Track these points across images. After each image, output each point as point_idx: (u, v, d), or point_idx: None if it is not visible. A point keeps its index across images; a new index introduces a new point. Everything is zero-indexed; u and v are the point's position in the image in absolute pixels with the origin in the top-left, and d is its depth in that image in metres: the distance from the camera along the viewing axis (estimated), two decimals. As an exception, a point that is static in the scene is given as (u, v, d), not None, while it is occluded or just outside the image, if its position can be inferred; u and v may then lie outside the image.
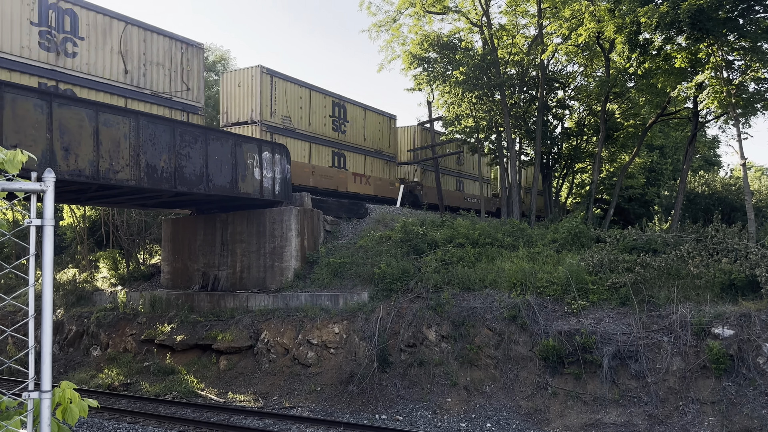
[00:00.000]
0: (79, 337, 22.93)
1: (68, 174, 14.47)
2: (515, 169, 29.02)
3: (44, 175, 2.78)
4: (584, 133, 32.91)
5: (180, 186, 17.41)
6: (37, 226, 2.77)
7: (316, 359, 17.33)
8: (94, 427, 14.70)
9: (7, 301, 2.82)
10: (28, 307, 2.77)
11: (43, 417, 2.66)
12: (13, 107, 13.46)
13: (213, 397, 17.05)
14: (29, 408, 2.71)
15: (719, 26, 18.69)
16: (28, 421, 2.71)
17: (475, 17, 28.43)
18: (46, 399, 2.68)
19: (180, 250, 23.32)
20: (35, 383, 2.74)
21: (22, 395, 2.74)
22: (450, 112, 29.65)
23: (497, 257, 19.00)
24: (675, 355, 13.75)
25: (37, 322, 2.82)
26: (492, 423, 14.06)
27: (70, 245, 30.58)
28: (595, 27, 22.90)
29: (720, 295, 14.80)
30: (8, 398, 2.91)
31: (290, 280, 20.31)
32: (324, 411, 15.43)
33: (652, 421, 13.04)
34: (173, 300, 21.69)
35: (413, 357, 16.28)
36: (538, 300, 16.04)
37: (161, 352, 19.94)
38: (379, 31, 29.14)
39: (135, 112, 16.87)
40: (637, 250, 17.52)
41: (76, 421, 2.87)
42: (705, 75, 20.74)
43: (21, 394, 2.78)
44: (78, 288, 25.97)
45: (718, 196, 32.81)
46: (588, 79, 31.71)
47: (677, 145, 41.35)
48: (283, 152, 21.28)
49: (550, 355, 14.64)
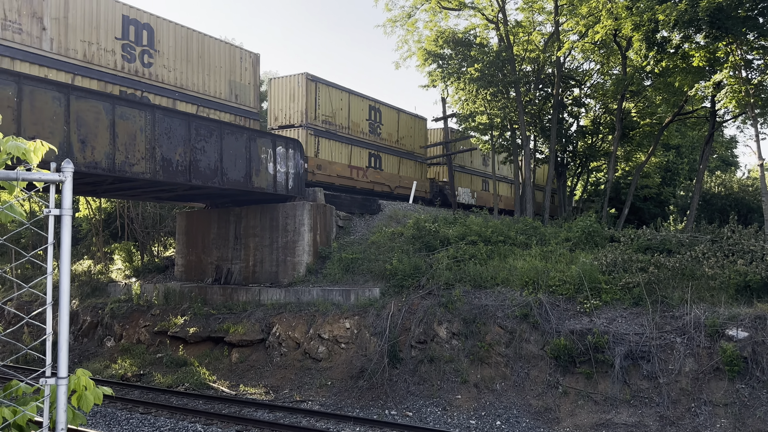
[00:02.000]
0: (93, 328, 23.20)
1: (85, 166, 14.61)
2: (529, 166, 28.89)
3: (63, 166, 2.82)
4: (600, 132, 32.68)
5: (195, 179, 17.53)
6: (55, 215, 2.81)
7: (326, 354, 17.40)
8: (107, 416, 14.88)
9: (25, 288, 2.87)
10: (46, 295, 2.82)
11: (60, 403, 2.71)
12: (32, 99, 13.61)
13: (224, 389, 17.18)
14: (46, 394, 2.76)
15: (738, 25, 18.46)
16: (45, 406, 2.76)
17: (491, 13, 28.30)
18: (63, 385, 2.72)
19: (194, 243, 23.50)
20: (52, 370, 2.79)
21: (39, 381, 2.79)
22: (464, 109, 29.57)
23: (510, 255, 18.94)
24: (688, 356, 13.64)
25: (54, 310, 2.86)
26: (502, 421, 14.05)
27: (85, 237, 30.91)
28: (612, 24, 22.70)
29: (735, 296, 14.66)
30: (25, 384, 2.96)
31: (302, 275, 20.40)
32: (334, 405, 15.50)
33: (663, 422, 12.95)
34: (187, 292, 21.87)
35: (424, 353, 16.29)
36: (550, 299, 15.98)
37: (174, 343, 20.13)
38: (394, 26, 29.11)
39: (151, 106, 16.99)
40: (651, 250, 17.39)
41: (90, 408, 2.91)
42: (723, 74, 20.50)
43: (38, 380, 2.82)
44: (93, 279, 26.26)
45: (734, 196, 32.44)
46: (604, 77, 31.48)
47: (694, 145, 40.94)
48: (296, 147, 21.35)
49: (561, 354, 14.58)
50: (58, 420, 2.69)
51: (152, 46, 19.35)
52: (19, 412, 2.77)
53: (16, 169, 2.78)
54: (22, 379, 3.02)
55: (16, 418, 2.77)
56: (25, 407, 2.78)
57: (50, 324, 2.82)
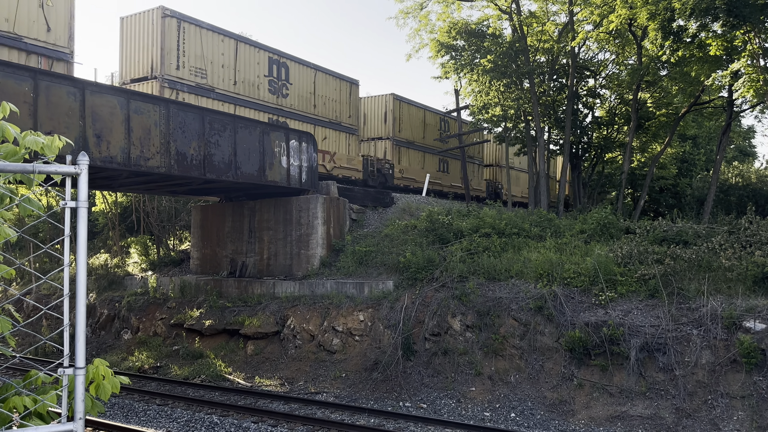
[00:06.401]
0: (110, 321, 23.48)
1: (100, 161, 14.75)
2: (543, 158, 28.70)
3: (78, 159, 2.85)
4: (615, 123, 32.36)
5: (209, 173, 17.63)
6: (71, 208, 2.84)
7: (341, 346, 17.48)
8: (124, 408, 15.07)
9: (43, 280, 2.91)
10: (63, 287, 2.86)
11: (78, 392, 2.75)
12: (48, 95, 13.75)
13: (240, 381, 17.33)
14: (64, 383, 2.80)
15: (756, 12, 18.17)
16: (63, 395, 2.81)
17: (505, 4, 28.08)
18: (81, 375, 2.77)
19: (209, 237, 23.68)
20: (69, 361, 2.84)
21: (58, 371, 2.84)
22: (477, 101, 29.42)
23: (524, 247, 18.86)
24: (704, 348, 13.53)
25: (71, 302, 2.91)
26: (516, 413, 14.05)
27: (102, 231, 31.23)
28: (627, 14, 22.43)
29: (752, 288, 14.49)
30: (44, 374, 3.01)
31: (316, 268, 20.47)
32: (348, 397, 15.58)
33: (679, 414, 12.88)
34: (202, 285, 22.05)
35: (438, 346, 16.31)
36: (564, 291, 15.91)
37: (190, 336, 20.32)
38: (406, 17, 28.97)
39: (165, 100, 17.10)
40: (667, 242, 17.23)
41: (108, 396, 2.96)
42: (741, 63, 20.20)
43: (56, 370, 2.87)
44: (110, 273, 26.55)
45: (752, 187, 32.03)
46: (620, 67, 31.15)
47: (711, 135, 40.43)
48: (309, 141, 21.39)
49: (576, 347, 14.53)
50: (76, 409, 2.74)
51: (288, 80, 25.04)
52: (39, 401, 2.82)
53: (33, 163, 2.81)
54: (41, 370, 3.07)
55: (36, 406, 2.82)
56: (44, 396, 2.83)
57: (67, 315, 2.86)
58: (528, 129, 30.30)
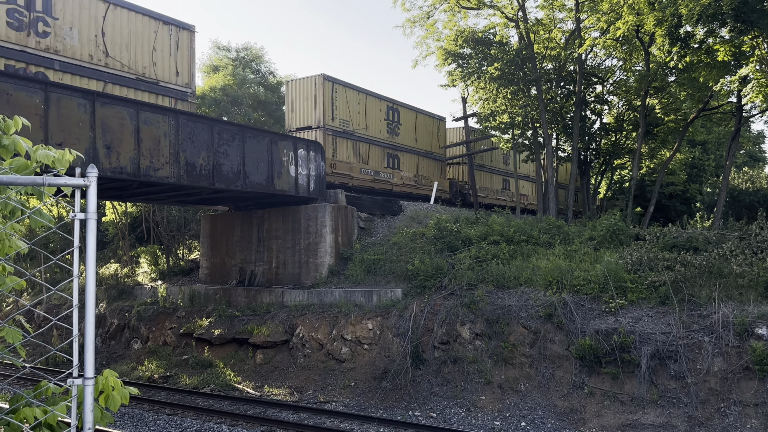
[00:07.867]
0: (120, 331, 23.57)
1: (110, 171, 14.86)
2: (552, 165, 28.63)
3: (87, 171, 2.88)
4: (623, 129, 32.27)
5: (218, 183, 17.72)
6: (81, 219, 2.87)
7: (350, 355, 17.45)
8: (134, 417, 15.10)
9: (53, 291, 2.94)
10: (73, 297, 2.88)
11: (86, 402, 2.77)
12: (58, 106, 13.89)
13: (249, 390, 17.33)
14: (73, 394, 2.82)
15: (764, 18, 18.11)
16: (72, 406, 2.83)
17: (511, 12, 28.13)
18: (90, 385, 2.78)
19: (218, 246, 23.76)
20: (78, 371, 2.86)
21: (67, 381, 2.86)
22: (485, 108, 29.43)
23: (533, 255, 18.80)
24: (716, 355, 13.41)
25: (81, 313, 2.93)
26: (527, 422, 13.95)
27: (111, 241, 31.41)
28: (634, 20, 22.41)
29: (764, 294, 14.36)
30: (54, 385, 3.03)
31: (324, 276, 20.49)
32: (358, 406, 15.54)
33: (692, 422, 12.75)
34: (211, 295, 22.11)
35: (447, 354, 16.25)
36: (574, 298, 15.82)
37: (199, 345, 20.36)
38: (413, 26, 29.08)
39: (174, 111, 17.22)
40: (677, 248, 17.12)
41: (118, 407, 2.97)
42: (749, 68, 20.11)
43: (66, 380, 2.89)
44: (119, 282, 26.69)
45: (763, 193, 31.80)
46: (627, 74, 31.08)
47: (720, 141, 40.19)
48: (317, 150, 21.46)
49: (586, 355, 14.43)
50: (85, 419, 2.76)
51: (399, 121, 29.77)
52: (49, 412, 2.84)
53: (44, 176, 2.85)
54: (50, 380, 3.09)
55: (46, 417, 2.84)
56: (54, 407, 2.85)
57: (76, 325, 2.88)
58: (536, 136, 30.27)
